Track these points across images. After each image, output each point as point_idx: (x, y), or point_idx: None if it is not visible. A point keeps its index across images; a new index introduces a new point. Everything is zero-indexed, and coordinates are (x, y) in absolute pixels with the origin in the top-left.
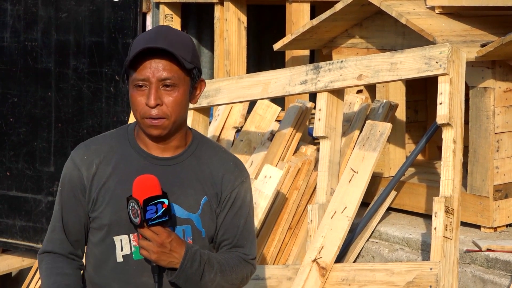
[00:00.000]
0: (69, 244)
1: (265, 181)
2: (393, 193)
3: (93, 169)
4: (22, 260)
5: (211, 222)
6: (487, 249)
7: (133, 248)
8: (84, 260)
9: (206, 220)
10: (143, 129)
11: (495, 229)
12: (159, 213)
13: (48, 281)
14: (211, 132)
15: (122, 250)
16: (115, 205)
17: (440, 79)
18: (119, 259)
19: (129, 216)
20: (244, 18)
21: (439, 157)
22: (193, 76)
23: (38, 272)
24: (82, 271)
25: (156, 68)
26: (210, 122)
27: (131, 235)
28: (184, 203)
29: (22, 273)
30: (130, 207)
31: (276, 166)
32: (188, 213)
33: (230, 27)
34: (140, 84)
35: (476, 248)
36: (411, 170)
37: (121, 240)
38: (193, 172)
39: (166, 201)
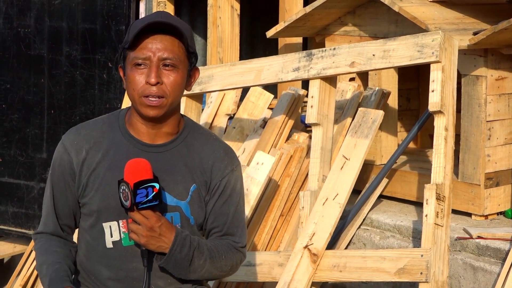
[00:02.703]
0: (61, 227)
1: (257, 168)
2: (385, 180)
3: (82, 154)
4: (14, 247)
5: (200, 210)
6: (478, 236)
7: (122, 235)
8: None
9: (194, 208)
10: (138, 110)
11: (486, 217)
12: (150, 197)
13: (44, 257)
14: (203, 119)
15: (111, 236)
16: (104, 191)
17: (432, 66)
18: (109, 245)
19: (120, 199)
20: (237, 5)
21: (431, 146)
22: (191, 61)
23: (29, 259)
24: (75, 252)
25: (158, 48)
26: (202, 109)
27: (120, 222)
28: (173, 190)
29: (14, 260)
30: (121, 190)
31: (268, 153)
32: (177, 201)
33: (223, 14)
34: (140, 63)
35: (467, 236)
36: (402, 158)
37: (110, 226)
38: (182, 159)
39: (157, 185)
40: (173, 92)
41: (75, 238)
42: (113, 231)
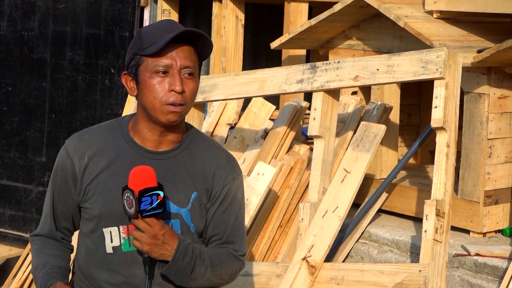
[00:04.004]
0: (58, 231)
1: (258, 178)
2: (384, 195)
3: (85, 160)
4: (10, 249)
5: (201, 218)
6: (476, 253)
7: (122, 240)
8: (75, 248)
9: (195, 216)
10: (157, 118)
11: (484, 234)
12: (154, 204)
13: (38, 261)
14: (205, 128)
15: (112, 242)
16: (106, 197)
17: (436, 83)
18: (109, 250)
19: (124, 206)
20: (242, 16)
21: (430, 161)
22: (200, 69)
23: (25, 262)
24: (71, 255)
25: (180, 56)
26: (204, 118)
27: (121, 227)
28: (174, 197)
29: (9, 262)
30: (125, 197)
31: (269, 164)
32: (178, 208)
33: (228, 24)
34: (163, 70)
35: (465, 253)
36: (402, 173)
37: (110, 232)
38: (185, 167)
39: (161, 193)
40: (191, 100)
41: (74, 241)
42: (113, 237)
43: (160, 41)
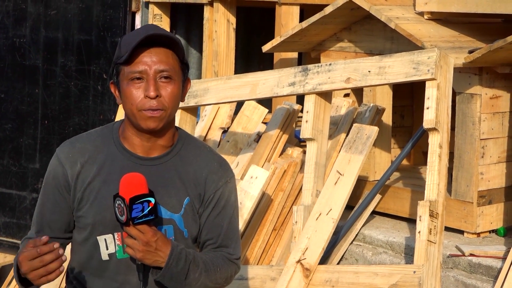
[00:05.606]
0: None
1: (251, 182)
2: (378, 196)
3: (77, 168)
4: (5, 257)
5: (194, 223)
6: (470, 254)
7: (117, 247)
8: (69, 257)
9: (188, 221)
10: (137, 124)
11: (478, 234)
12: (145, 211)
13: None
14: (197, 132)
15: (107, 249)
16: (99, 205)
17: (427, 84)
18: (105, 257)
19: (115, 214)
20: (233, 20)
21: (424, 163)
22: (184, 72)
23: None
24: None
25: (154, 60)
26: (197, 123)
27: (115, 234)
28: (167, 203)
29: (4, 270)
30: (116, 205)
31: (262, 168)
32: (171, 214)
33: (219, 28)
34: (137, 77)
35: (459, 253)
36: (396, 174)
37: (105, 239)
38: (176, 172)
39: (152, 200)
40: (171, 104)
41: (67, 251)
42: (109, 244)
43: (129, 49)
